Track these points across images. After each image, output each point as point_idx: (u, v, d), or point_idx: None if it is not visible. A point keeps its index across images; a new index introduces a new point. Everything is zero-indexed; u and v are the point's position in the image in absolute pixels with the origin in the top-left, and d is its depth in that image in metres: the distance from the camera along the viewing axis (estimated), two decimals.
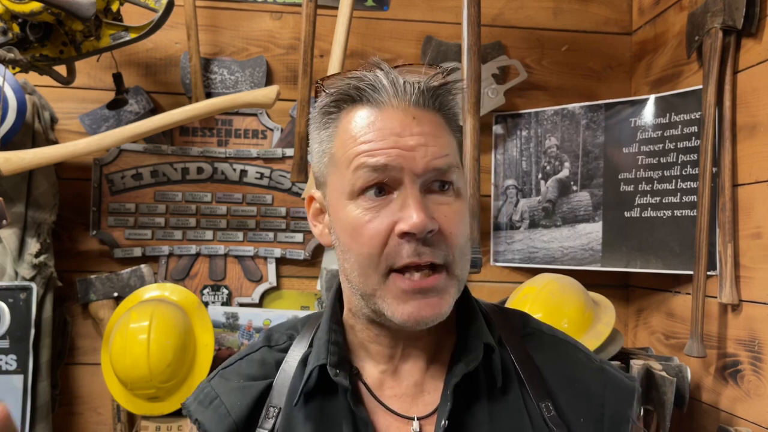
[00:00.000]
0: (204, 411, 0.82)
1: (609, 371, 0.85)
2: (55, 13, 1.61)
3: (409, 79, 0.75)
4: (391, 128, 0.73)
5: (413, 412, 0.79)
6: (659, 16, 2.04)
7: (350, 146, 0.74)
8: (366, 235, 0.73)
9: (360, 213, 0.74)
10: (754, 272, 1.56)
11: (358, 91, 0.75)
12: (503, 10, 2.16)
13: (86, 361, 1.97)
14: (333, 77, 0.78)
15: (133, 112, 2.00)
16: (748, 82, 1.62)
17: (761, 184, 1.55)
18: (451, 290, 0.75)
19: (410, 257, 0.71)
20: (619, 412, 0.81)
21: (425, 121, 0.74)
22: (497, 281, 2.13)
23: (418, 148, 0.72)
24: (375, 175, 0.72)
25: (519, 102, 2.14)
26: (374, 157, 0.72)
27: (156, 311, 1.72)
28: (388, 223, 0.72)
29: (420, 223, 0.70)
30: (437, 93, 0.76)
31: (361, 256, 0.74)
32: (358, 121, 0.75)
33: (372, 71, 0.76)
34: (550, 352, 0.85)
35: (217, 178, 2.02)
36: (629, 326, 2.14)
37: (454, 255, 0.74)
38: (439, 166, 0.73)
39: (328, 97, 0.77)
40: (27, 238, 1.78)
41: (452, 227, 0.74)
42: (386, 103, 0.74)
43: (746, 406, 1.58)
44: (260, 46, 2.09)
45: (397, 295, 0.73)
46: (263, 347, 0.88)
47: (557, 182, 2.05)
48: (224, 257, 2.01)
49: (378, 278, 0.74)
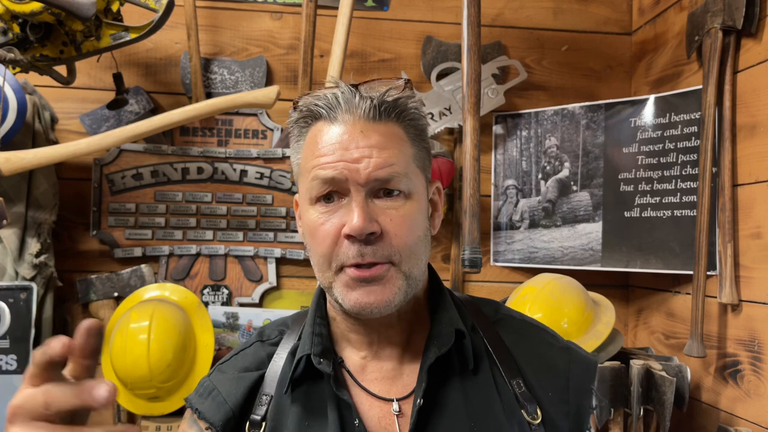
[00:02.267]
0: (203, 401, 0.91)
1: (573, 349, 0.94)
2: (56, 13, 1.61)
3: (365, 95, 0.83)
4: (340, 142, 0.81)
5: (393, 394, 0.87)
6: (659, 16, 2.04)
7: (309, 159, 0.84)
8: (320, 236, 0.82)
9: (316, 216, 0.83)
10: (753, 272, 1.56)
11: (318, 108, 0.84)
12: (503, 10, 2.17)
13: None
14: (305, 95, 0.87)
15: (133, 112, 2.00)
16: (747, 82, 1.62)
17: (761, 184, 1.55)
18: (395, 281, 0.82)
19: (355, 258, 0.80)
20: (582, 385, 0.90)
21: (373, 134, 0.82)
22: (497, 281, 2.13)
23: (361, 159, 0.80)
24: (325, 186, 0.81)
25: (519, 102, 2.14)
26: (324, 170, 0.81)
27: (156, 311, 1.72)
28: (337, 226, 0.81)
29: (359, 226, 0.78)
30: (393, 105, 0.84)
31: (318, 255, 0.83)
32: (316, 135, 0.84)
33: (332, 90, 0.84)
34: (520, 335, 0.93)
35: (217, 178, 2.02)
36: (629, 326, 2.14)
37: (401, 254, 0.81)
38: (381, 176, 0.80)
39: (299, 114, 0.87)
40: (27, 238, 1.78)
41: (397, 229, 0.81)
42: (339, 119, 0.83)
43: (746, 406, 1.58)
44: (260, 46, 2.09)
45: (347, 283, 0.81)
46: (256, 342, 0.96)
47: (557, 182, 2.05)
48: (224, 257, 2.02)
49: (332, 273, 0.82)
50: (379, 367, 0.89)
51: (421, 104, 0.88)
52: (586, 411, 0.89)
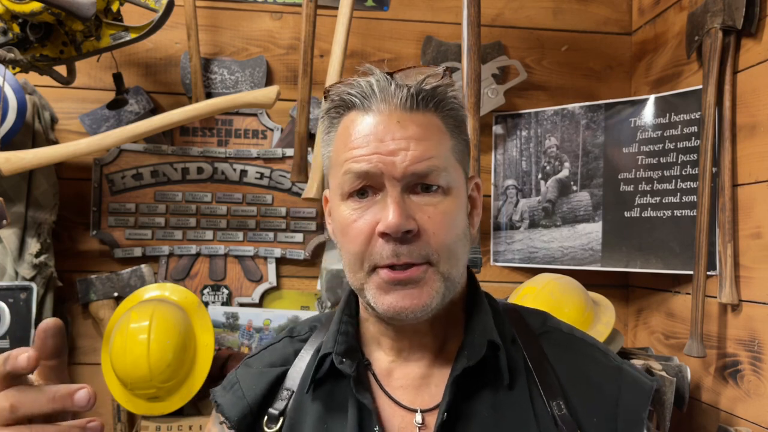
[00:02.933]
0: (224, 394, 0.88)
1: (626, 370, 0.84)
2: (56, 13, 1.61)
3: (401, 83, 0.78)
4: (375, 134, 0.76)
5: (418, 404, 0.81)
6: (659, 16, 2.04)
7: (341, 151, 0.79)
8: (352, 234, 0.77)
9: (348, 213, 0.78)
10: (753, 272, 1.56)
11: (351, 97, 0.79)
12: (503, 11, 2.17)
13: (86, 361, 1.97)
14: (337, 84, 0.82)
15: (133, 112, 2.00)
16: (747, 82, 1.62)
17: (761, 184, 1.55)
18: (433, 283, 0.76)
19: (389, 258, 0.75)
20: (633, 412, 0.80)
21: (411, 125, 0.77)
22: (497, 281, 2.13)
23: (398, 152, 0.75)
24: (359, 181, 0.77)
25: (519, 102, 2.14)
26: (358, 164, 0.76)
27: (156, 311, 1.72)
28: (371, 223, 0.76)
29: (394, 224, 0.73)
30: (431, 95, 0.78)
31: (349, 254, 0.78)
32: (349, 126, 0.79)
33: (365, 78, 0.79)
34: (566, 351, 0.85)
35: (217, 178, 2.02)
36: (629, 326, 2.14)
37: (439, 254, 0.76)
38: (419, 170, 0.75)
39: (330, 104, 0.82)
40: (27, 238, 1.78)
41: (436, 227, 0.76)
42: (374, 109, 0.78)
43: (746, 405, 1.58)
44: (260, 46, 2.09)
45: (380, 285, 0.76)
46: (285, 338, 0.93)
47: (557, 182, 2.05)
48: (224, 257, 2.02)
49: (363, 274, 0.78)
50: (407, 374, 0.83)
51: (461, 93, 0.82)
52: None
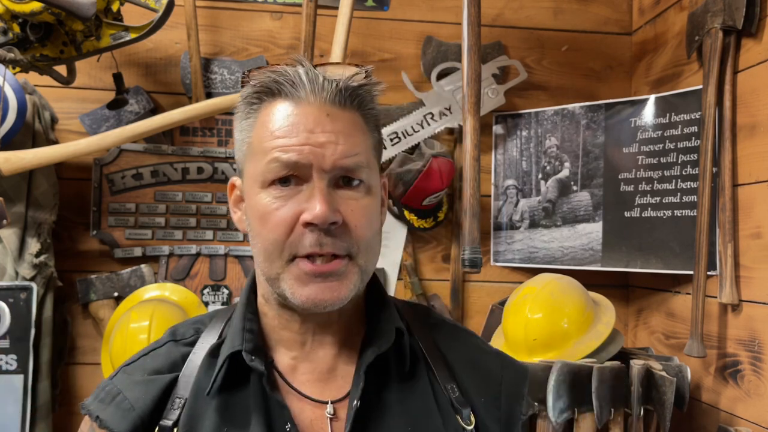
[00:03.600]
0: (106, 408, 0.81)
1: (504, 355, 0.95)
2: (56, 13, 1.61)
3: (328, 77, 0.77)
4: (305, 124, 0.76)
5: (326, 396, 0.82)
6: (659, 16, 2.04)
7: (266, 139, 0.77)
8: (272, 221, 0.76)
9: (269, 201, 0.77)
10: (754, 272, 1.56)
11: (278, 84, 0.78)
12: (503, 10, 2.16)
13: (86, 361, 1.97)
14: (258, 70, 0.80)
15: (133, 112, 2.00)
16: (748, 82, 1.62)
17: (761, 184, 1.55)
18: (351, 277, 0.78)
19: (312, 247, 0.75)
20: (515, 390, 0.90)
21: (339, 119, 0.77)
22: (497, 281, 2.13)
23: (327, 145, 0.75)
24: (286, 170, 0.76)
25: (519, 102, 2.14)
26: (287, 153, 0.75)
27: (156, 311, 1.72)
28: (294, 212, 0.75)
29: (322, 214, 0.73)
30: (356, 93, 0.79)
31: (267, 242, 0.77)
32: (275, 114, 0.78)
33: (294, 67, 0.78)
34: (453, 340, 0.92)
35: (217, 178, 2.02)
36: (629, 326, 2.14)
37: (359, 247, 0.77)
38: (347, 165, 0.76)
39: (251, 89, 0.80)
40: (27, 238, 1.78)
41: (357, 220, 0.77)
42: (303, 99, 0.77)
43: (746, 406, 1.58)
44: (260, 46, 2.09)
45: (299, 277, 0.76)
46: (169, 342, 0.87)
47: (557, 182, 2.05)
48: (224, 257, 2.02)
49: (281, 263, 0.77)
50: (312, 368, 0.83)
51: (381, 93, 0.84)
52: (518, 417, 0.88)
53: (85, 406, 0.83)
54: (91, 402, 0.83)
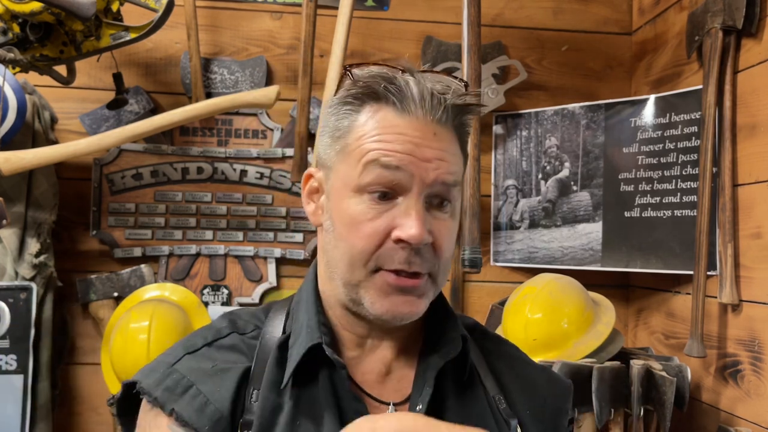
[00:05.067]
0: (178, 399, 0.76)
1: (550, 370, 0.95)
2: (55, 13, 1.60)
3: (436, 93, 0.76)
4: (412, 137, 0.75)
5: (385, 398, 0.82)
6: (659, 16, 2.04)
7: (367, 141, 0.75)
8: (364, 231, 0.75)
9: (363, 208, 0.75)
10: (754, 272, 1.56)
11: (386, 91, 0.75)
12: (503, 10, 2.16)
13: (86, 361, 1.97)
14: (362, 66, 0.78)
15: (133, 112, 2.00)
16: (748, 82, 1.62)
17: (761, 184, 1.55)
18: (429, 294, 0.79)
19: (401, 264, 0.75)
20: (560, 405, 0.91)
21: (444, 138, 0.77)
22: (497, 281, 2.13)
23: (433, 160, 0.75)
24: (385, 175, 0.74)
25: (519, 102, 2.14)
26: (388, 157, 0.74)
27: (156, 311, 1.72)
28: (387, 226, 0.74)
29: (418, 235, 0.73)
30: (459, 111, 0.78)
31: (354, 249, 0.76)
32: (380, 121, 0.76)
33: (403, 75, 0.76)
34: (499, 351, 0.92)
35: (217, 178, 2.02)
36: (629, 326, 2.14)
37: (440, 267, 0.78)
38: (448, 181, 0.76)
39: (356, 87, 0.77)
40: (27, 238, 1.78)
41: (443, 242, 0.77)
42: (411, 112, 0.75)
43: (746, 406, 1.58)
44: (260, 46, 2.09)
45: (382, 288, 0.76)
46: (232, 333, 0.84)
47: (557, 182, 2.05)
48: (224, 257, 2.01)
49: (365, 273, 0.76)
50: (370, 369, 0.83)
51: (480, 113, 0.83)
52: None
53: (147, 392, 0.77)
54: (153, 388, 0.77)
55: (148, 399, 0.77)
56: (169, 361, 0.81)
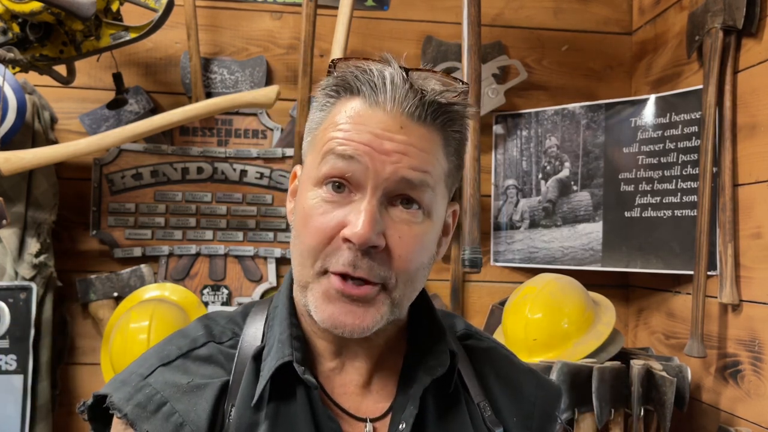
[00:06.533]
0: (150, 418, 0.71)
1: (538, 373, 0.89)
2: (55, 13, 1.60)
3: (416, 87, 0.70)
4: (372, 128, 0.69)
5: (362, 413, 0.77)
6: (659, 16, 2.04)
7: (329, 131, 0.72)
8: (313, 226, 0.70)
9: (316, 202, 0.71)
10: (754, 272, 1.56)
11: (358, 83, 0.71)
12: (503, 10, 2.16)
13: (86, 361, 1.97)
14: (346, 61, 0.74)
15: (133, 112, 2.00)
16: (748, 82, 1.62)
17: (761, 184, 1.55)
18: (380, 306, 0.71)
19: (345, 266, 0.68)
20: (547, 411, 0.85)
21: (414, 134, 0.70)
22: (497, 281, 2.13)
23: (392, 154, 0.69)
24: (338, 165, 0.69)
25: (519, 102, 2.14)
26: (342, 146, 0.69)
27: (156, 311, 1.72)
28: (338, 223, 0.69)
29: (363, 234, 0.66)
30: (443, 110, 0.72)
31: (304, 246, 0.71)
32: (346, 111, 0.72)
33: (383, 68, 0.71)
34: (484, 353, 0.87)
35: (217, 178, 2.02)
36: (629, 326, 2.14)
37: (397, 279, 0.70)
38: (410, 177, 0.69)
39: (332, 80, 0.74)
40: (27, 238, 1.78)
41: (403, 250, 0.70)
42: (379, 103, 0.70)
43: (746, 406, 1.58)
44: (260, 46, 2.09)
45: (327, 292, 0.70)
46: (209, 342, 0.79)
47: (557, 182, 2.05)
48: (224, 257, 2.01)
49: (313, 273, 0.71)
50: (348, 381, 0.78)
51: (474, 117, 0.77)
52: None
53: (118, 408, 0.72)
54: (122, 403, 0.72)
55: (118, 415, 0.72)
56: (141, 373, 0.75)
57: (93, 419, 0.78)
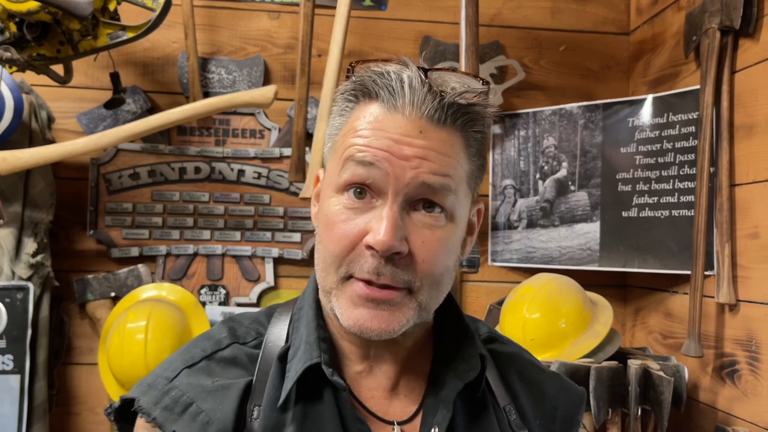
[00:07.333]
0: (177, 419, 0.72)
1: (562, 378, 0.90)
2: (53, 12, 1.60)
3: (435, 89, 0.70)
4: (391, 133, 0.69)
5: (390, 416, 0.77)
6: (657, 16, 2.05)
7: (348, 137, 0.72)
8: (337, 233, 0.70)
9: (339, 209, 0.71)
10: (751, 272, 1.57)
11: (377, 87, 0.71)
12: (501, 10, 2.16)
13: (83, 361, 1.96)
14: (364, 63, 0.74)
15: (130, 112, 1.99)
16: (745, 82, 1.62)
17: (758, 184, 1.55)
18: (406, 310, 0.71)
19: (369, 273, 0.69)
20: (570, 414, 0.86)
21: (434, 138, 0.70)
22: (495, 281, 2.13)
23: (412, 159, 0.69)
24: (359, 172, 0.69)
25: (517, 102, 2.14)
26: (363, 152, 0.69)
27: (153, 311, 1.72)
28: (360, 230, 0.69)
29: (385, 241, 0.67)
30: (463, 111, 0.71)
31: (327, 253, 0.72)
32: (366, 117, 0.71)
33: (402, 70, 0.71)
34: (508, 357, 0.88)
35: (214, 178, 2.02)
36: (627, 326, 2.14)
37: (422, 282, 0.71)
38: (431, 182, 0.69)
39: (351, 85, 0.74)
40: (24, 238, 1.77)
41: (427, 254, 0.70)
42: (398, 108, 0.70)
43: (743, 405, 1.58)
44: (258, 46, 2.09)
45: (351, 297, 0.70)
46: (233, 344, 0.79)
47: (555, 182, 2.05)
48: (222, 257, 2.01)
49: (337, 279, 0.71)
50: (376, 385, 0.78)
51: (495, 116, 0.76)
52: None
53: (146, 412, 0.73)
54: (150, 406, 0.74)
55: (147, 419, 0.74)
56: (167, 376, 0.77)
57: (120, 420, 0.79)
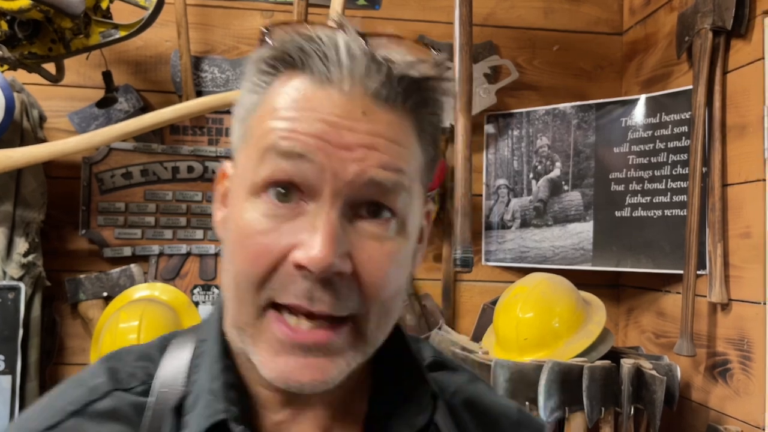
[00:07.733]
0: None
1: (520, 410, 0.74)
2: (44, 11, 1.59)
3: (379, 58, 0.52)
4: (325, 114, 0.52)
5: None
6: (650, 17, 2.05)
7: (266, 120, 0.54)
8: (253, 249, 0.52)
9: (256, 218, 0.53)
10: (743, 272, 1.57)
11: (304, 55, 0.53)
12: (495, 10, 2.17)
13: (75, 362, 1.95)
14: (285, 26, 0.55)
15: (122, 111, 1.98)
16: (737, 83, 1.62)
17: (750, 183, 1.56)
18: (348, 355, 0.54)
19: (299, 299, 0.51)
20: None
21: (381, 120, 0.53)
22: (488, 281, 2.13)
23: (355, 148, 0.51)
24: (283, 167, 0.52)
25: (510, 102, 2.15)
26: (287, 140, 0.52)
27: (146, 311, 1.71)
28: (287, 244, 0.52)
29: (322, 258, 0.49)
30: (417, 86, 0.54)
31: (241, 276, 0.53)
32: (289, 92, 0.53)
33: (334, 33, 0.53)
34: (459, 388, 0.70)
35: (207, 177, 2.01)
36: (620, 325, 2.15)
37: (370, 309, 0.53)
38: (380, 179, 0.52)
39: (268, 51, 0.55)
40: (15, 238, 1.76)
41: (375, 274, 0.53)
42: (333, 82, 0.52)
43: (735, 404, 1.59)
44: (251, 45, 2.08)
45: (270, 341, 0.53)
46: (112, 391, 0.59)
47: (548, 182, 2.06)
48: (215, 257, 2.00)
49: (253, 310, 0.53)
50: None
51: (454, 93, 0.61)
52: None
53: None
54: None
55: None
56: None
57: None
